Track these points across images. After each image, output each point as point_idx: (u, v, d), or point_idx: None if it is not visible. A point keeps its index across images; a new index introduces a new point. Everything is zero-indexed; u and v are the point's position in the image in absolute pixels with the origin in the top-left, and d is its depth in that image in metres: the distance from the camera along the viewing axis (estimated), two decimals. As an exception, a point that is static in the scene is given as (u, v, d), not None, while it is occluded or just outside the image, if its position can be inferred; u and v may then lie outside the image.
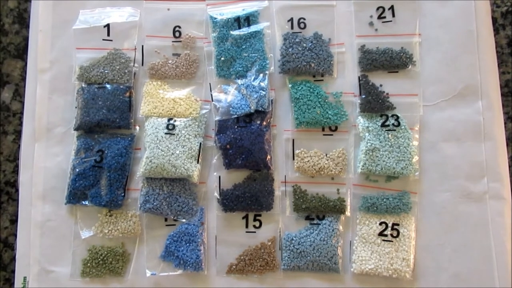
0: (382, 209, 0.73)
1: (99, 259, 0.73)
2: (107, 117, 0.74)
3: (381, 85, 0.76)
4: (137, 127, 0.76)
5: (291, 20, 0.77)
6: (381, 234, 0.73)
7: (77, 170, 0.73)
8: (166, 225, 0.74)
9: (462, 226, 0.73)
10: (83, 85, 0.76)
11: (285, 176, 0.75)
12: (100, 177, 0.74)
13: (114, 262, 0.73)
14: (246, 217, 0.74)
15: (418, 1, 0.77)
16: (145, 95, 0.76)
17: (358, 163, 0.74)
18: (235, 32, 0.76)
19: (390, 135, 0.74)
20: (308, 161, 0.74)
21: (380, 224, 0.73)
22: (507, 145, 0.76)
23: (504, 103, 0.77)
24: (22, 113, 0.78)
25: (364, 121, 0.74)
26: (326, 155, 0.74)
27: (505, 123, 0.76)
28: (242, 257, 0.73)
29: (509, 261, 0.72)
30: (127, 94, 0.76)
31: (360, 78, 0.76)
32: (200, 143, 0.74)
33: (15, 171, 0.79)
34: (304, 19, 0.77)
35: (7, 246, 0.78)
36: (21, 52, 0.81)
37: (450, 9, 0.77)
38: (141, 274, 0.73)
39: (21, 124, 0.79)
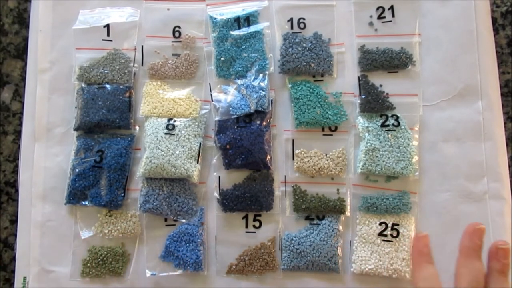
0: (382, 209, 0.73)
1: (99, 259, 0.73)
2: (107, 117, 0.74)
3: (381, 85, 0.76)
4: (137, 127, 0.76)
5: (291, 20, 0.77)
6: (381, 234, 0.73)
7: (77, 170, 0.73)
8: (166, 225, 0.74)
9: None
10: (83, 85, 0.76)
11: (285, 176, 0.75)
12: (100, 177, 0.74)
13: (114, 262, 0.73)
14: (246, 217, 0.74)
15: (418, 1, 0.77)
16: (145, 95, 0.76)
17: (358, 163, 0.74)
18: (235, 32, 0.76)
19: (390, 135, 0.74)
20: (308, 161, 0.74)
21: (380, 224, 0.73)
22: (507, 145, 0.76)
23: (504, 103, 0.77)
24: (22, 113, 0.78)
25: (364, 121, 0.74)
26: (326, 155, 0.74)
27: (505, 123, 0.76)
28: (242, 257, 0.73)
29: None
30: (127, 94, 0.76)
31: (360, 78, 0.76)
32: (200, 143, 0.74)
33: (15, 171, 0.79)
34: (304, 19, 0.77)
35: (7, 246, 0.78)
36: (21, 52, 0.81)
37: (450, 9, 0.77)
38: (141, 274, 0.73)
39: (21, 124, 0.79)
